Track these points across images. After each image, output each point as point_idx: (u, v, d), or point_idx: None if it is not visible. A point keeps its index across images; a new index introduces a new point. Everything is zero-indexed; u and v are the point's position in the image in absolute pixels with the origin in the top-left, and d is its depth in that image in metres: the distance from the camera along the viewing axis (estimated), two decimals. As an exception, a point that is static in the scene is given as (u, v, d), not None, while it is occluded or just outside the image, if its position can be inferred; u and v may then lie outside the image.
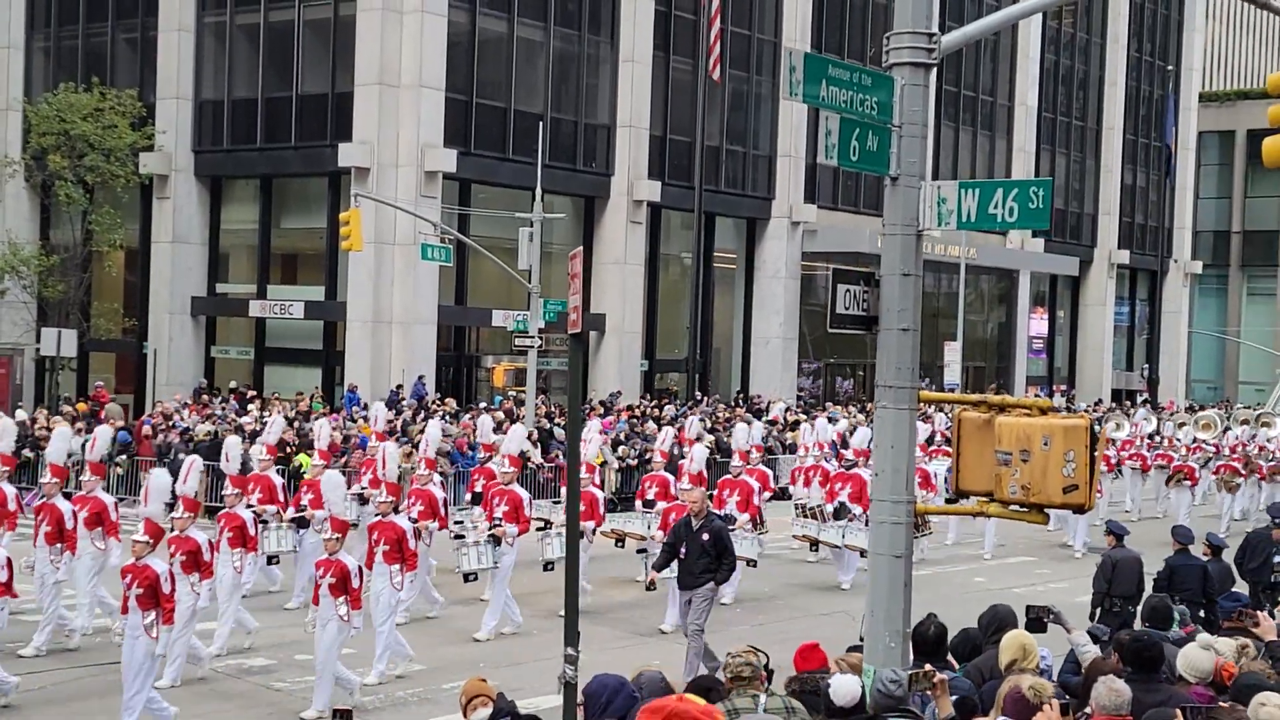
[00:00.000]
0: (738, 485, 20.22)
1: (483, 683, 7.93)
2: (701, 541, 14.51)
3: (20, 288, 38.58)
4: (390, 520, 15.34)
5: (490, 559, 16.91)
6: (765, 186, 46.10)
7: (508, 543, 17.08)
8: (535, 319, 33.04)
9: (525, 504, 17.62)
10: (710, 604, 14.57)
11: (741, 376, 46.87)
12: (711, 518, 14.97)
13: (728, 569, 14.82)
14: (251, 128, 38.85)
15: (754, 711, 6.93)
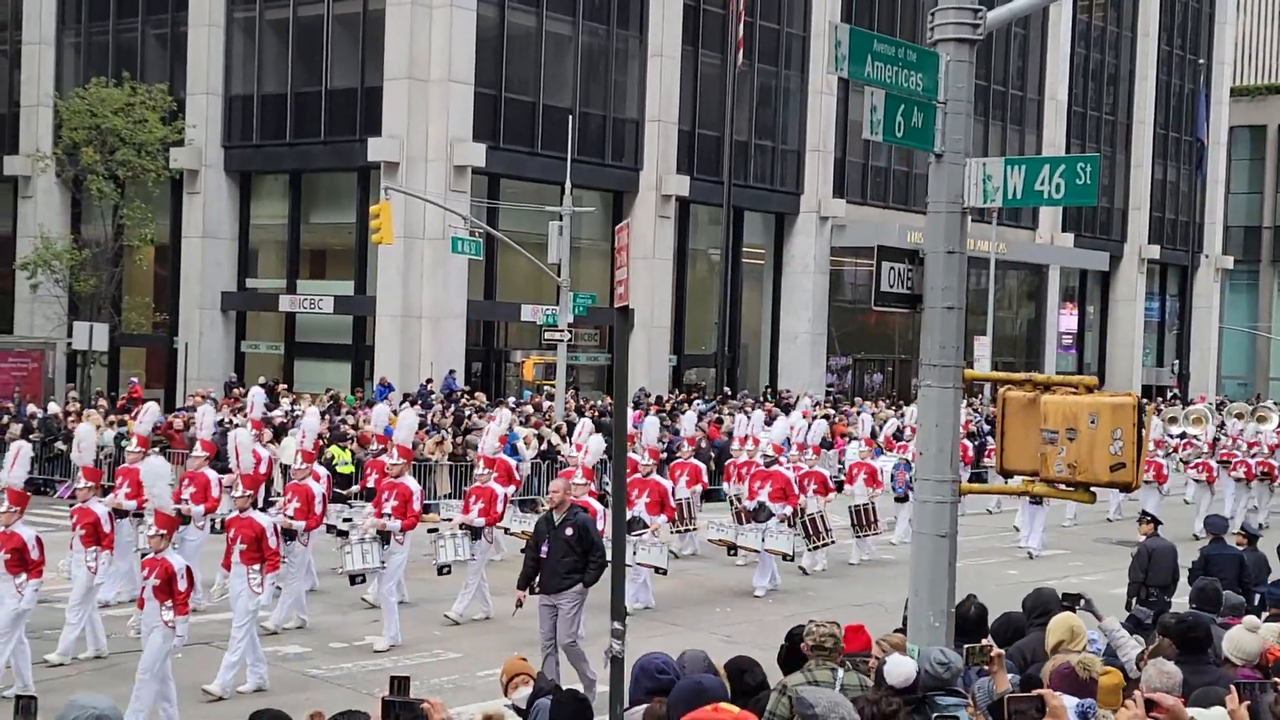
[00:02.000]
0: (648, 485, 18.34)
1: (523, 661, 7.92)
2: (565, 538, 13.09)
3: (52, 282, 38.78)
4: (249, 516, 13.96)
5: (376, 558, 15.74)
6: (794, 181, 46.00)
7: (396, 540, 15.90)
8: (564, 313, 33.03)
9: (415, 498, 16.22)
10: (580, 611, 13.17)
11: (770, 372, 46.77)
12: (574, 511, 13.43)
13: (596, 567, 13.07)
14: (281, 123, 38.97)
15: (831, 684, 6.88)
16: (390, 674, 13.02)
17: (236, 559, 13.70)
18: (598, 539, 13.29)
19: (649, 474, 18.60)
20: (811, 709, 5.62)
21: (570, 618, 12.95)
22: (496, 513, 17.18)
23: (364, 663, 14.60)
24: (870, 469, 22.95)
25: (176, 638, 12.06)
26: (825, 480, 21.31)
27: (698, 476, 22.31)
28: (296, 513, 16.15)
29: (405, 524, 15.92)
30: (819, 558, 21.01)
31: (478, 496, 17.26)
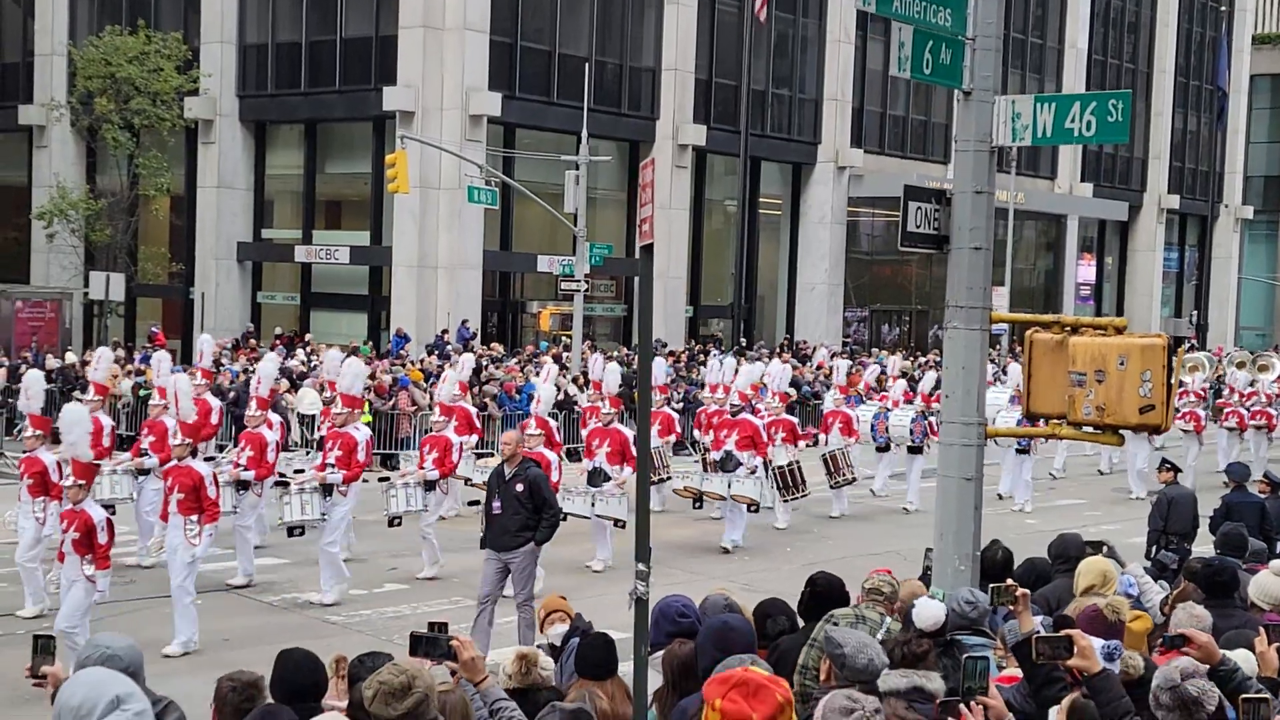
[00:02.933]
0: (608, 435, 17.66)
1: (562, 600, 7.90)
2: (515, 493, 12.45)
3: (68, 232, 38.75)
4: (186, 465, 13.24)
5: (316, 510, 15.04)
6: (811, 131, 45.69)
7: (339, 491, 15.19)
8: (581, 263, 32.91)
9: (360, 448, 15.41)
10: (533, 570, 12.70)
11: (787, 322, 46.66)
12: (527, 465, 12.69)
13: (549, 524, 12.56)
14: (296, 72, 38.78)
15: (878, 625, 6.86)
16: (408, 620, 13.08)
17: (174, 509, 13.06)
18: (550, 495, 12.78)
19: (609, 423, 17.82)
20: (840, 648, 5.58)
21: (524, 577, 12.44)
22: (451, 463, 16.63)
23: (383, 609, 14.65)
24: (846, 417, 22.21)
25: (98, 592, 11.84)
26: (794, 428, 20.47)
27: (670, 426, 21.40)
28: (249, 461, 15.59)
29: (348, 475, 15.21)
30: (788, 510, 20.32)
31: (432, 446, 16.65)
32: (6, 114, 42.19)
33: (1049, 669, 5.68)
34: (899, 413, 23.28)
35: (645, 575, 6.08)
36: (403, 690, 4.84)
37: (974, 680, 5.14)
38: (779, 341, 43.90)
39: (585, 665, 6.66)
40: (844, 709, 4.24)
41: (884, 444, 23.07)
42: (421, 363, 30.79)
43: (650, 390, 6.93)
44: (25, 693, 8.92)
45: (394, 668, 4.92)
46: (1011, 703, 5.58)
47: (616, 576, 15.82)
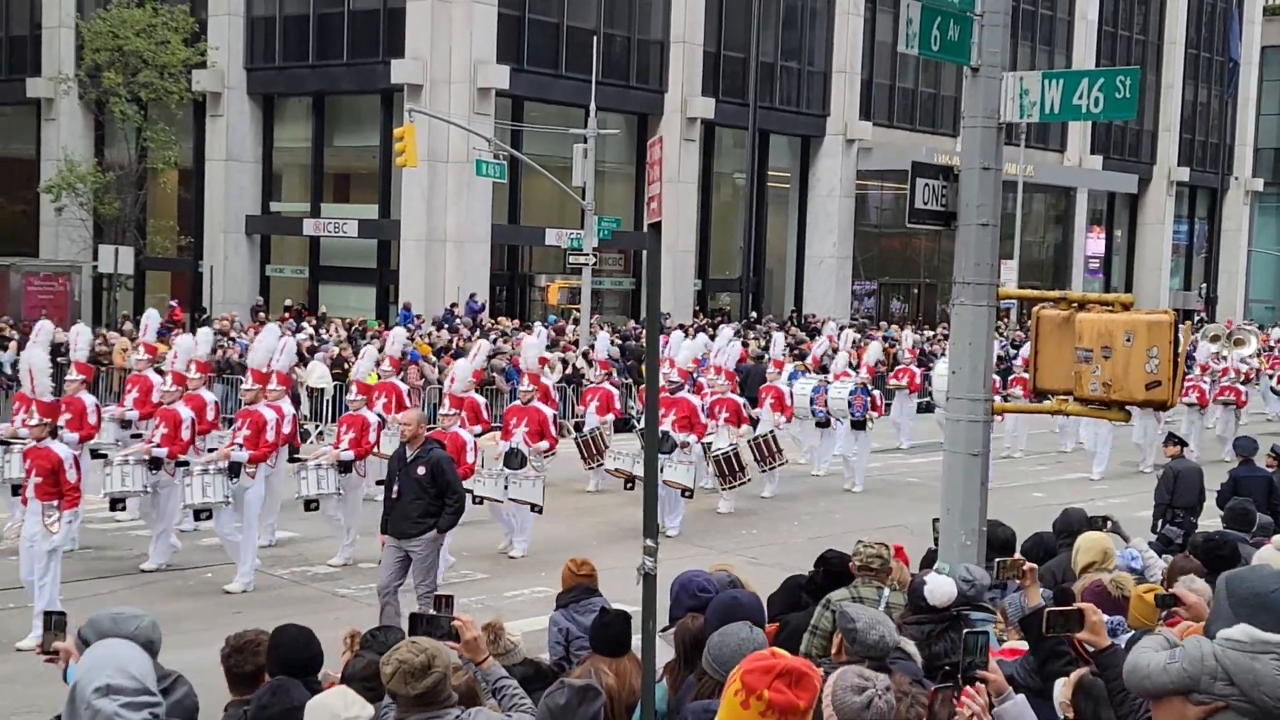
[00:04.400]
0: (527, 414, 16.74)
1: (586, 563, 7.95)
2: (416, 477, 11.63)
3: (77, 205, 38.82)
4: (45, 446, 12.11)
5: (219, 491, 14.11)
6: (820, 104, 45.58)
7: (246, 473, 14.25)
8: (589, 237, 32.91)
9: (270, 426, 14.55)
10: (435, 559, 11.92)
11: (795, 296, 46.65)
12: (430, 447, 11.86)
13: (453, 511, 11.80)
14: (303, 44, 38.74)
15: (877, 602, 6.89)
16: (408, 596, 13.06)
17: (32, 494, 12.03)
18: (454, 479, 11.92)
19: (529, 401, 16.99)
20: (853, 623, 5.62)
21: (425, 567, 11.67)
22: (368, 443, 15.77)
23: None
24: (779, 393, 21.07)
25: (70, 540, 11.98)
26: (739, 409, 19.41)
27: (609, 403, 20.53)
28: (246, 440, 14.49)
29: (255, 455, 14.34)
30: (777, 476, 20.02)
31: (348, 426, 15.82)
32: (14, 87, 42.20)
33: (1054, 643, 5.72)
34: (838, 386, 21.96)
35: (654, 551, 6.11)
36: (422, 670, 4.87)
37: (975, 655, 5.18)
38: (786, 315, 43.91)
39: (601, 642, 6.72)
40: (856, 687, 4.27)
41: (823, 419, 21.87)
42: (429, 336, 30.82)
43: (658, 366, 6.98)
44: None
45: (414, 646, 4.93)
46: (1014, 677, 5.62)
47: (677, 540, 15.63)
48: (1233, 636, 3.69)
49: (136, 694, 3.88)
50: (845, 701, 4.19)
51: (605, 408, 20.34)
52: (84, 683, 3.90)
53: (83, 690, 3.88)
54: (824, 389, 21.73)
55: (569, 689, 4.77)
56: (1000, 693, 5.26)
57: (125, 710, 3.85)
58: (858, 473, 21.48)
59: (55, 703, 4.63)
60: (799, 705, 3.72)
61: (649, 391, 7.25)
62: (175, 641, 11.45)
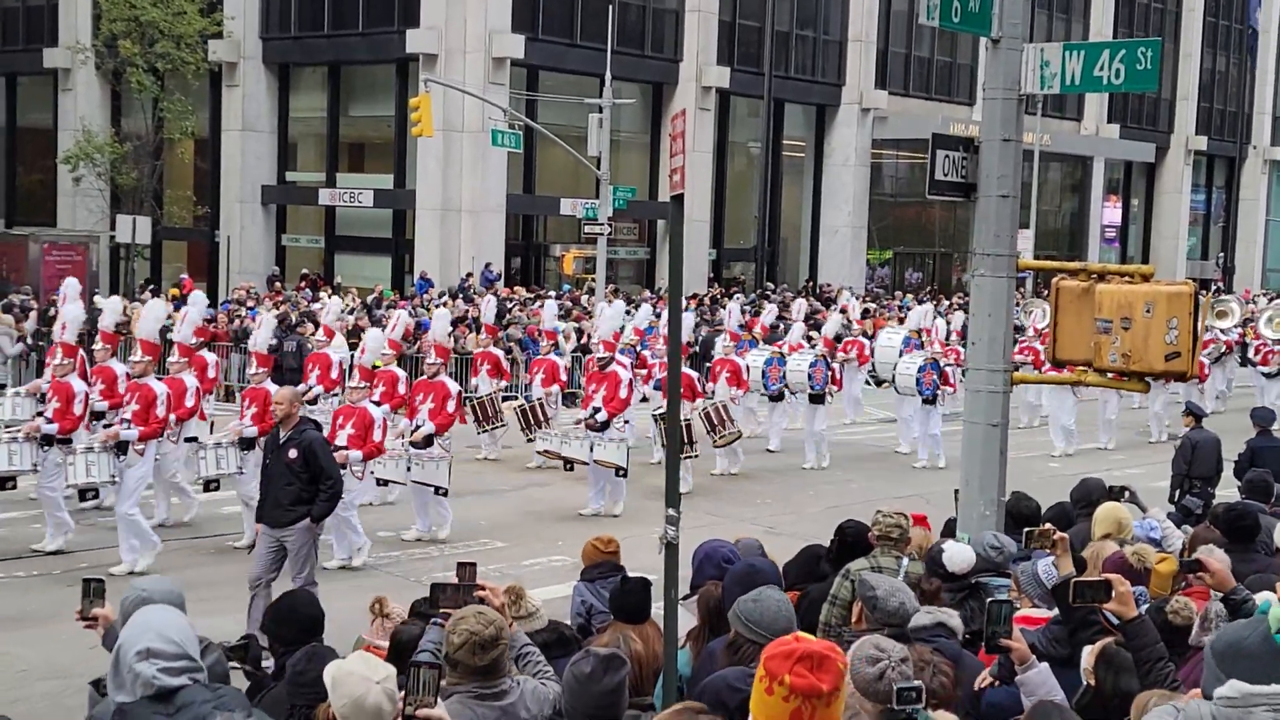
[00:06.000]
0: (433, 388, 15.50)
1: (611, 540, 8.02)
2: (287, 460, 10.85)
3: (94, 175, 38.91)
4: None
5: (105, 470, 13.35)
6: (835, 72, 45.41)
7: (135, 450, 13.52)
8: (604, 206, 32.88)
9: (159, 401, 13.70)
10: (312, 549, 11.03)
11: (810, 266, 46.60)
12: (303, 428, 11.05)
13: (327, 497, 10.99)
14: (319, 14, 38.70)
15: (896, 572, 6.95)
16: (435, 562, 13.14)
17: None
18: (329, 463, 11.09)
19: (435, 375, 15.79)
20: (873, 591, 5.68)
21: (301, 557, 10.87)
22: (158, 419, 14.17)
23: (412, 551, 14.81)
24: (734, 366, 20.27)
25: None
26: (692, 383, 18.57)
27: (554, 375, 20.07)
28: (135, 416, 13.69)
29: (144, 432, 13.57)
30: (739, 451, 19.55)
31: (251, 400, 15.01)
32: (32, 57, 42.22)
33: (1085, 612, 5.77)
34: (797, 358, 21.16)
35: (675, 520, 6.18)
36: (491, 641, 4.96)
37: (998, 624, 5.25)
38: (801, 284, 43.88)
39: (622, 609, 6.80)
40: (870, 658, 4.32)
41: (777, 392, 21.07)
42: (445, 306, 30.87)
43: (680, 340, 7.01)
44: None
45: (482, 618, 5.01)
46: (1036, 645, 5.68)
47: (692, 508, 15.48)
48: (1225, 694, 3.88)
49: (176, 658, 3.97)
50: (860, 672, 4.24)
51: (550, 379, 19.96)
52: (126, 646, 4.00)
53: (125, 653, 3.98)
54: (778, 361, 20.97)
55: (594, 658, 4.83)
56: (1024, 661, 5.32)
57: (163, 674, 3.94)
58: (822, 448, 20.68)
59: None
60: (821, 688, 3.73)
61: (671, 364, 7.32)
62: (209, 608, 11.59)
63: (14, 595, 12.50)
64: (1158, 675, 4.91)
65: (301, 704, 5.14)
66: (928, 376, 20.80)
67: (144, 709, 3.86)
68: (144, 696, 3.94)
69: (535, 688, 5.17)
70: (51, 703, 8.98)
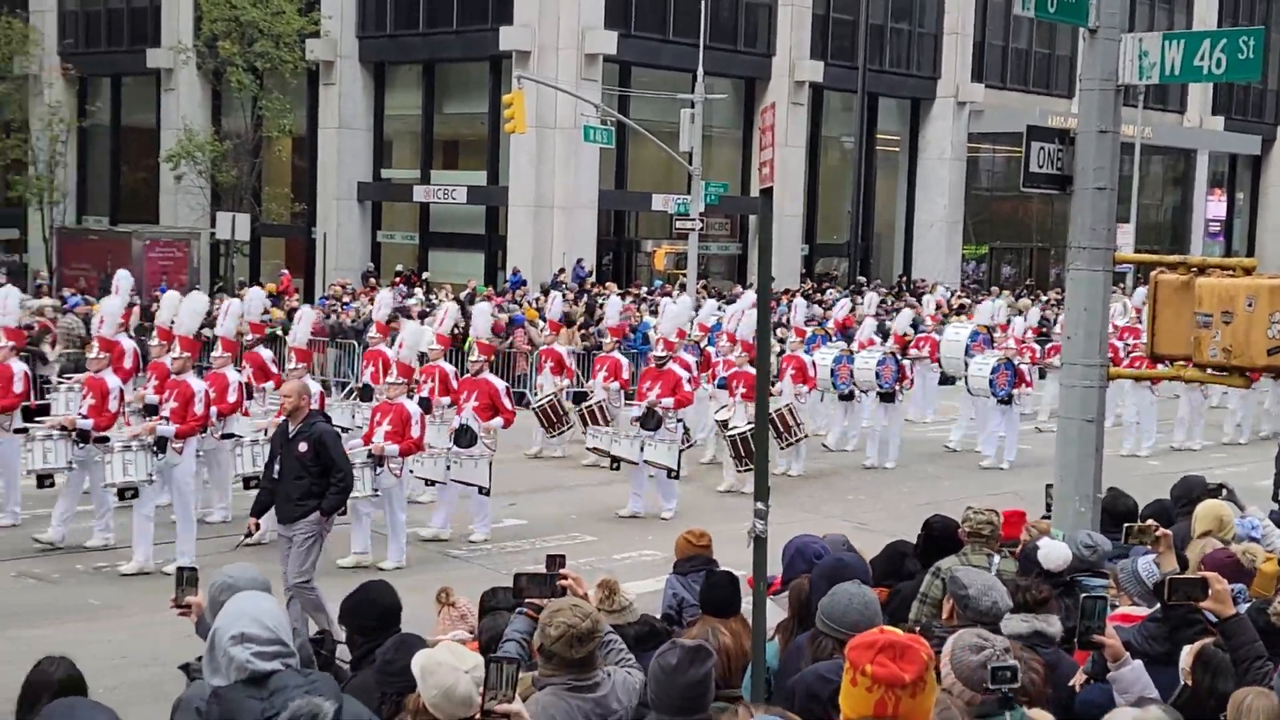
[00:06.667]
0: (477, 385, 15.48)
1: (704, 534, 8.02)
2: (297, 454, 10.61)
3: (195, 173, 39.64)
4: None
5: (142, 469, 12.98)
6: (930, 65, 44.98)
7: (173, 448, 13.30)
8: (696, 202, 32.88)
9: (197, 398, 13.53)
10: (315, 545, 10.69)
11: (904, 261, 46.21)
12: (313, 422, 10.84)
13: (338, 491, 10.76)
14: (414, 13, 39.06)
15: (988, 569, 6.89)
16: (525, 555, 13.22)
17: None
18: (340, 456, 10.85)
19: (479, 372, 15.75)
20: (965, 589, 5.63)
21: (302, 552, 10.53)
22: (110, 414, 13.80)
23: (503, 544, 14.91)
24: (800, 363, 19.50)
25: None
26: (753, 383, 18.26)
27: (617, 372, 19.49)
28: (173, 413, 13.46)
29: (182, 429, 13.34)
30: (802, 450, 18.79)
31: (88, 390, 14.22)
32: (135, 57, 43.09)
33: (1186, 611, 5.67)
34: (865, 355, 20.58)
35: (764, 514, 6.16)
36: (588, 635, 4.98)
37: (1092, 620, 5.17)
38: (895, 279, 43.54)
39: (709, 602, 6.80)
40: (975, 646, 4.30)
41: (847, 391, 20.47)
42: (537, 302, 31.04)
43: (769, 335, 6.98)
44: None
45: (578, 611, 5.02)
46: (1131, 643, 5.59)
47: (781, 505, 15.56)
48: None
49: (269, 643, 4.04)
50: (963, 661, 4.21)
51: (613, 376, 19.41)
52: (221, 631, 4.08)
53: (220, 638, 4.07)
54: (847, 359, 20.51)
55: (680, 649, 4.83)
56: (1117, 658, 5.24)
57: (257, 659, 4.01)
58: (891, 449, 20.13)
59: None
60: (904, 678, 3.72)
61: (759, 360, 7.29)
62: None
63: (113, 585, 12.76)
64: (1255, 674, 4.82)
65: (391, 692, 5.20)
66: (1001, 376, 20.20)
67: (239, 692, 3.94)
68: (238, 680, 4.02)
69: (624, 678, 5.18)
70: (149, 689, 9.15)
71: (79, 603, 12.07)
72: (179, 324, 14.79)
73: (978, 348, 21.83)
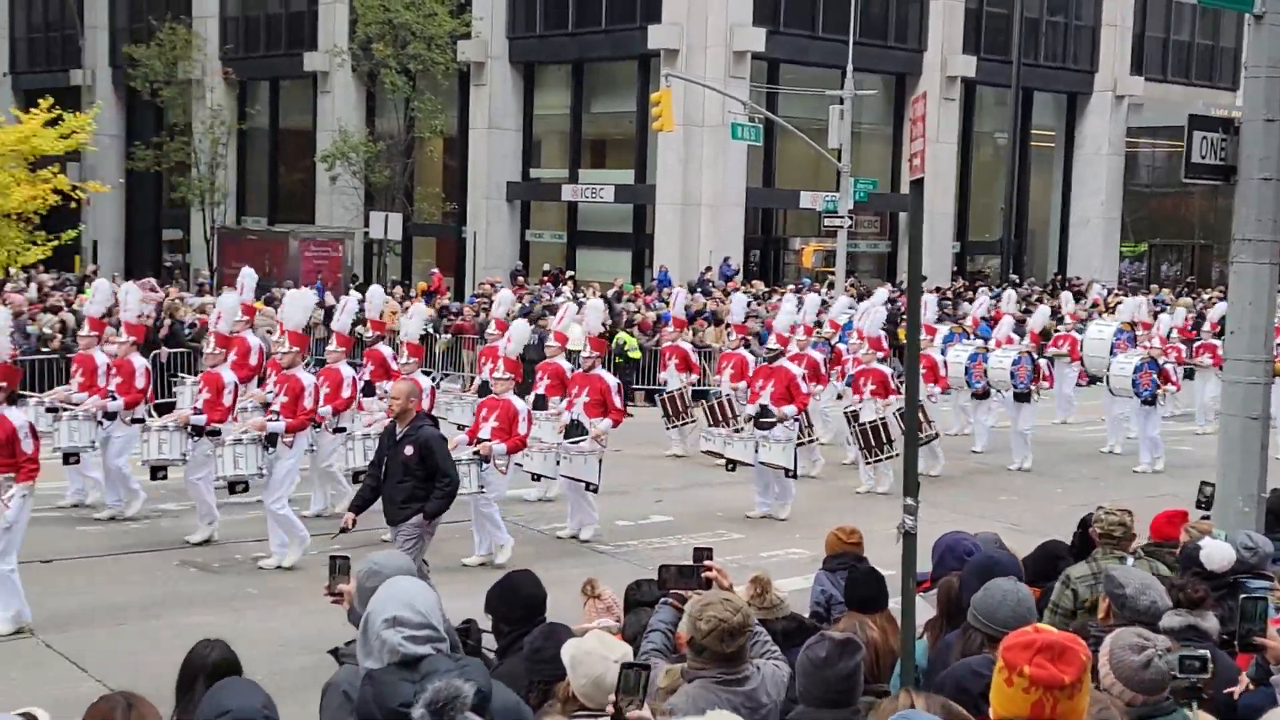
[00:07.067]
0: (589, 381, 15.16)
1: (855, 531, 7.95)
2: (404, 458, 10.54)
3: (349, 174, 40.51)
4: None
5: (252, 463, 13.16)
6: (1088, 59, 43.99)
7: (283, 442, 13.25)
8: (845, 199, 32.63)
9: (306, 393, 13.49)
10: (416, 547, 10.48)
11: (1059, 258, 45.27)
12: (419, 424, 10.75)
13: (442, 495, 10.61)
14: (563, 13, 39.41)
15: None
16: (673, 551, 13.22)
17: None
18: (445, 460, 10.72)
19: (591, 368, 15.30)
20: (1122, 588, 5.49)
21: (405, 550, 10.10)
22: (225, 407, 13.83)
23: (649, 540, 14.92)
24: (931, 361, 18.61)
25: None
26: (886, 380, 17.51)
27: (743, 370, 18.79)
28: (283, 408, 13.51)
29: (292, 424, 13.35)
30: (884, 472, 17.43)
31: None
32: (293, 61, 44.18)
33: None
34: (1000, 354, 19.99)
35: (914, 510, 6.08)
36: (739, 629, 4.97)
37: (1253, 622, 5.01)
38: (1050, 277, 42.69)
39: (853, 598, 6.74)
40: (1135, 646, 4.19)
41: (981, 389, 20.05)
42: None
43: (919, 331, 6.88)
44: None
45: (729, 605, 5.01)
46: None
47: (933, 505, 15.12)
48: None
49: (419, 628, 4.11)
50: (1123, 661, 4.11)
51: (740, 374, 18.92)
52: (374, 614, 4.16)
53: (373, 621, 4.15)
54: (982, 357, 20.02)
55: (829, 641, 4.79)
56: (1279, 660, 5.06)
57: (408, 642, 4.08)
58: (1019, 449, 19.51)
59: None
60: (1063, 680, 3.66)
61: (909, 355, 7.20)
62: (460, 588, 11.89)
63: (271, 575, 13.04)
64: None
65: (539, 680, 5.24)
66: (1145, 376, 19.57)
67: (391, 675, 4.00)
68: (390, 663, 4.09)
69: (773, 671, 5.16)
70: (309, 675, 9.37)
71: (238, 591, 12.41)
72: (286, 319, 14.83)
73: (1121, 346, 21.25)
